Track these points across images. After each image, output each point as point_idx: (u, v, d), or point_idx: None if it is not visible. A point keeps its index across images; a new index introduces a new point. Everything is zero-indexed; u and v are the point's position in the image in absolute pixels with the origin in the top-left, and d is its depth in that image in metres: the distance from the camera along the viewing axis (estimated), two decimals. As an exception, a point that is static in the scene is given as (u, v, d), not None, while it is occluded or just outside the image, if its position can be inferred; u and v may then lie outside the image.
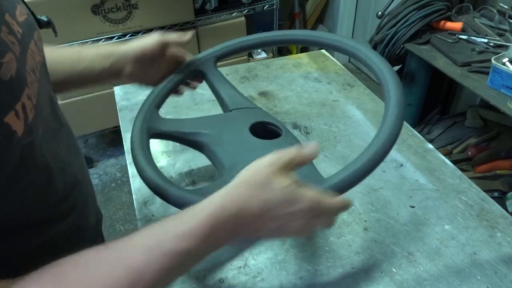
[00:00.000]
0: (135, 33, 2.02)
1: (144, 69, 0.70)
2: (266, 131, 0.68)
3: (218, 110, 0.74)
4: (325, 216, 0.49)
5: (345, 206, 0.50)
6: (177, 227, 0.42)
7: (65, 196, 0.55)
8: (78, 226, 0.59)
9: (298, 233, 0.48)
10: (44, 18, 0.58)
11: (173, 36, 0.72)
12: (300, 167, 0.49)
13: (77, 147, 0.65)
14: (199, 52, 0.79)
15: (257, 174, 0.46)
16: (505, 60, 1.32)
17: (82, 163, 0.65)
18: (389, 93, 0.60)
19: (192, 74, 0.77)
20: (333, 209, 0.49)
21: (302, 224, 0.46)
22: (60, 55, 0.66)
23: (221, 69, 1.20)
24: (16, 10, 0.48)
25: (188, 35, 0.73)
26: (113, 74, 0.68)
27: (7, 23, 0.43)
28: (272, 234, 0.49)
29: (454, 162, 1.03)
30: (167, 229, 0.42)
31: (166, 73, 0.74)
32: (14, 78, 0.40)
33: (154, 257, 0.40)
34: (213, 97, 0.78)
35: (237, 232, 0.45)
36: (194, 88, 0.82)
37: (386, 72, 0.63)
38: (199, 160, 0.86)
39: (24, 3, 0.54)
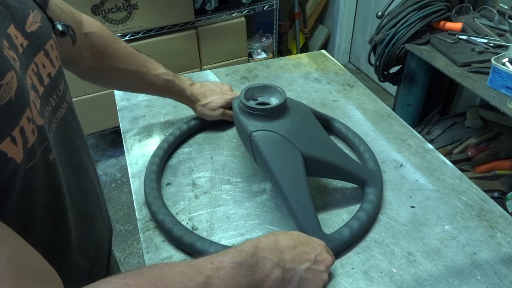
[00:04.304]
0: (135, 33, 2.02)
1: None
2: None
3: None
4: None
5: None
6: (231, 248, 0.51)
7: (72, 228, 0.53)
8: (89, 257, 0.59)
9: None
10: (59, 27, 0.54)
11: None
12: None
13: (91, 165, 0.63)
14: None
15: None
16: (505, 60, 1.32)
17: (95, 191, 0.64)
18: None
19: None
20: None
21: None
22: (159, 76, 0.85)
23: (221, 69, 1.21)
24: (27, 18, 0.46)
25: None
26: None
27: (9, 36, 0.41)
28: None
29: (454, 162, 1.03)
30: (224, 251, 0.50)
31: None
32: (12, 101, 0.38)
33: (218, 265, 0.46)
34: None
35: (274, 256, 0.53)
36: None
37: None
38: (198, 161, 0.86)
39: (41, 8, 0.52)
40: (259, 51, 2.66)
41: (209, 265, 0.46)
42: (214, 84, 0.94)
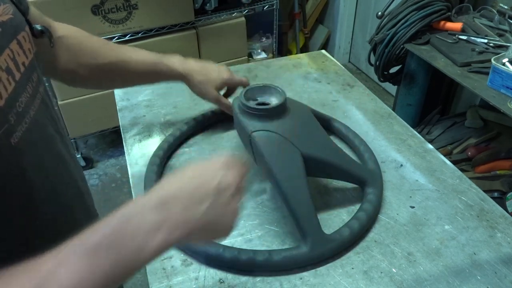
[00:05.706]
0: (135, 33, 2.02)
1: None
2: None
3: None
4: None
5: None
6: (99, 222, 0.43)
7: (49, 221, 0.53)
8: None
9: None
10: (37, 27, 0.57)
11: (236, 81, 0.90)
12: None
13: (71, 160, 0.62)
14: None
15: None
16: (505, 60, 1.32)
17: (75, 183, 0.63)
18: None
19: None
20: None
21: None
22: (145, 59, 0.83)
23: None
24: None
25: (247, 80, 0.92)
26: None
27: None
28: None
29: (454, 162, 1.03)
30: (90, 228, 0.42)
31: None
32: None
33: (60, 258, 0.38)
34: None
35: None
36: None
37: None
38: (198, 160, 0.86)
39: (15, 4, 0.53)
40: (259, 51, 2.66)
41: (50, 264, 0.38)
42: (211, 64, 0.91)
